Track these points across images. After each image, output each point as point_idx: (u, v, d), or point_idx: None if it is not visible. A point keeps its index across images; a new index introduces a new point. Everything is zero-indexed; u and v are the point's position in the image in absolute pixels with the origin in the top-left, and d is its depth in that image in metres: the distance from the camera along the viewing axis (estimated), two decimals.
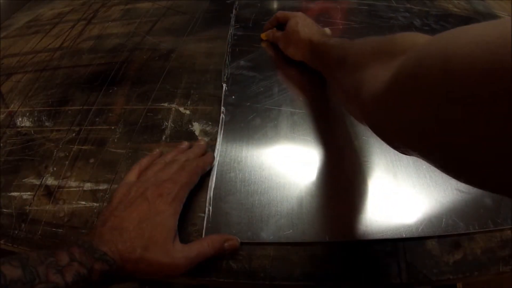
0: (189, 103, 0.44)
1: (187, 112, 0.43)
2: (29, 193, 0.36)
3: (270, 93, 0.45)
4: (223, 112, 0.42)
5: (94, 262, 0.25)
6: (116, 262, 0.26)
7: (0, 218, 0.34)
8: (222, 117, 0.42)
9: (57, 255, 0.24)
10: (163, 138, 0.40)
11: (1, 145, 0.41)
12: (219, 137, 0.40)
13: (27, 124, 0.44)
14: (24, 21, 0.67)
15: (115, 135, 0.41)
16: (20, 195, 0.36)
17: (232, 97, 0.44)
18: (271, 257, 0.31)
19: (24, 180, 0.37)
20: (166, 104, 0.44)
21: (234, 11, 0.61)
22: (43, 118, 0.44)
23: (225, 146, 0.39)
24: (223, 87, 0.46)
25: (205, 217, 0.33)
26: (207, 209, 0.33)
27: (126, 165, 0.38)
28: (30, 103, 0.47)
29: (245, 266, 0.30)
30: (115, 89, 0.47)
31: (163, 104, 0.44)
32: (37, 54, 0.56)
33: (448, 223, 0.31)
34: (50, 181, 0.37)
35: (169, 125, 0.42)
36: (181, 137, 0.40)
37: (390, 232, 0.31)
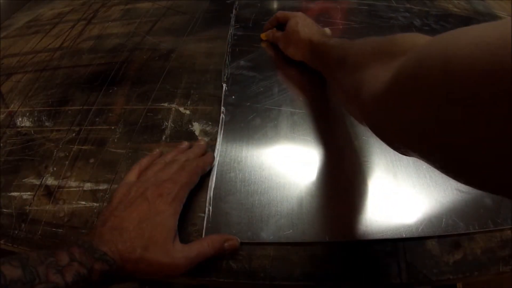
0: (189, 103, 0.44)
1: (187, 112, 0.43)
2: (29, 193, 0.36)
3: (270, 93, 0.45)
4: (223, 112, 0.42)
5: (94, 262, 0.25)
6: (116, 262, 0.26)
7: (0, 218, 0.34)
8: (222, 117, 0.42)
9: (57, 255, 0.24)
10: (163, 138, 0.40)
11: (1, 145, 0.41)
12: (219, 137, 0.40)
13: (27, 124, 0.44)
14: (24, 21, 0.67)
15: (115, 135, 0.41)
16: (20, 195, 0.36)
17: (232, 97, 0.44)
18: (271, 257, 0.31)
19: (24, 180, 0.37)
20: (166, 104, 0.44)
21: (234, 11, 0.61)
22: (43, 118, 0.44)
23: (225, 146, 0.39)
24: (223, 87, 0.46)
25: (205, 217, 0.33)
26: (207, 209, 0.33)
27: (126, 165, 0.38)
28: (30, 103, 0.47)
29: (245, 266, 0.30)
30: (115, 89, 0.47)
31: (163, 104, 0.44)
32: (37, 54, 0.56)
33: (448, 223, 0.31)
34: (50, 181, 0.37)
35: (169, 125, 0.42)
36: (181, 137, 0.40)
37: (390, 232, 0.31)
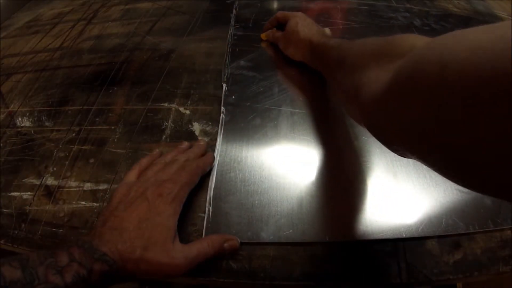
0: (189, 103, 0.44)
1: (187, 112, 0.43)
2: (29, 193, 0.36)
3: (270, 93, 0.45)
4: (223, 112, 0.42)
5: (94, 262, 0.25)
6: (116, 262, 0.25)
7: (0, 218, 0.34)
8: (222, 117, 0.42)
9: (56, 255, 0.24)
10: (163, 138, 0.40)
11: (1, 145, 0.41)
12: (219, 137, 0.40)
13: (27, 124, 0.44)
14: (24, 21, 0.67)
15: (115, 135, 0.41)
16: (20, 195, 0.36)
17: (232, 97, 0.44)
18: (271, 257, 0.31)
19: (24, 180, 0.37)
20: (166, 104, 0.44)
21: (234, 11, 0.61)
22: (43, 118, 0.44)
23: (225, 146, 0.39)
24: (223, 87, 0.46)
25: (205, 217, 0.33)
26: (207, 209, 0.33)
27: (126, 165, 0.38)
28: (30, 103, 0.47)
29: (245, 266, 0.30)
30: (115, 89, 0.47)
31: (163, 104, 0.44)
32: (37, 54, 0.56)
33: (448, 223, 0.31)
34: (50, 181, 0.37)
35: (169, 125, 0.42)
36: (181, 137, 0.40)
37: (390, 232, 0.31)
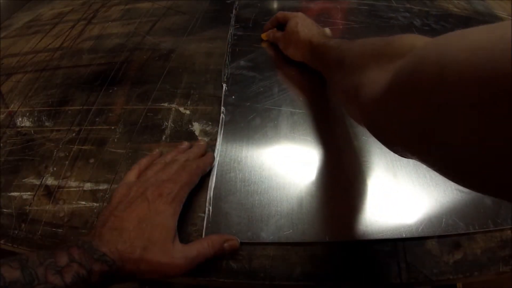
0: (189, 103, 0.44)
1: (187, 112, 0.43)
2: (29, 193, 0.36)
3: (270, 93, 0.45)
4: (223, 112, 0.42)
5: (94, 262, 0.25)
6: (116, 262, 0.25)
7: (0, 218, 0.34)
8: (222, 117, 0.42)
9: (56, 255, 0.24)
10: (163, 138, 0.40)
11: (1, 145, 0.41)
12: (219, 137, 0.40)
13: (27, 124, 0.44)
14: (24, 21, 0.67)
15: (115, 135, 0.41)
16: (20, 195, 0.36)
17: (232, 97, 0.44)
18: (271, 257, 0.31)
19: (24, 180, 0.37)
20: (166, 104, 0.44)
21: (234, 11, 0.61)
22: (43, 118, 0.44)
23: (225, 146, 0.39)
24: (223, 87, 0.46)
25: (205, 217, 0.33)
26: (207, 209, 0.33)
27: (126, 165, 0.38)
28: (30, 103, 0.47)
29: (245, 266, 0.30)
30: (115, 89, 0.47)
31: (163, 104, 0.44)
32: (37, 54, 0.56)
33: (448, 223, 0.31)
34: (50, 181, 0.37)
35: (169, 125, 0.42)
36: (181, 137, 0.40)
37: (390, 232, 0.31)
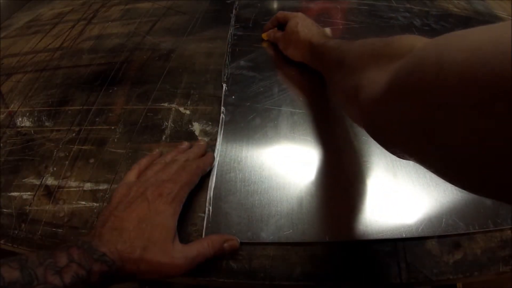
0: (189, 103, 0.44)
1: (187, 112, 0.43)
2: (29, 193, 0.36)
3: (270, 93, 0.45)
4: (223, 112, 0.42)
5: (93, 263, 0.24)
6: (116, 262, 0.25)
7: (0, 218, 0.34)
8: (222, 117, 0.42)
9: (56, 256, 0.24)
10: (163, 138, 0.40)
11: (1, 145, 0.41)
12: (219, 137, 0.40)
13: (27, 124, 0.44)
14: (24, 21, 0.67)
15: (115, 135, 0.41)
16: (20, 195, 0.36)
17: (232, 97, 0.44)
18: (271, 257, 0.31)
19: (24, 180, 0.37)
20: (166, 104, 0.44)
21: (234, 11, 0.61)
22: (43, 118, 0.44)
23: (225, 146, 0.39)
24: (223, 87, 0.46)
25: (205, 217, 0.33)
26: (207, 209, 0.33)
27: (126, 165, 0.38)
28: (30, 103, 0.47)
29: (245, 266, 0.30)
30: (115, 89, 0.47)
31: (163, 104, 0.44)
32: (37, 54, 0.56)
33: (448, 223, 0.31)
34: (50, 181, 0.37)
35: (169, 125, 0.42)
36: (181, 137, 0.40)
37: (390, 232, 0.31)
